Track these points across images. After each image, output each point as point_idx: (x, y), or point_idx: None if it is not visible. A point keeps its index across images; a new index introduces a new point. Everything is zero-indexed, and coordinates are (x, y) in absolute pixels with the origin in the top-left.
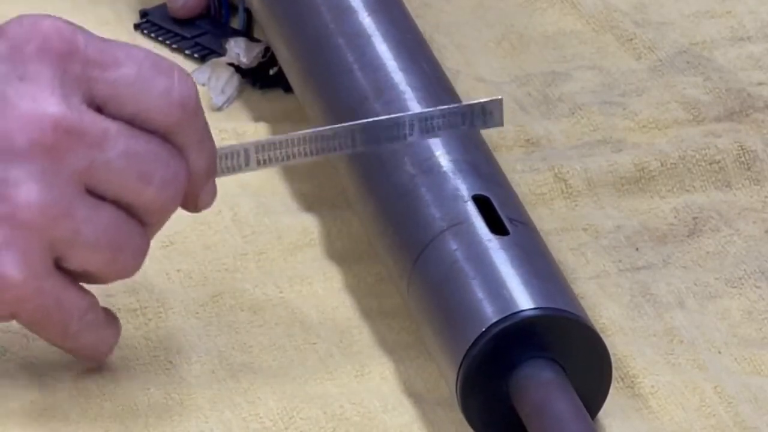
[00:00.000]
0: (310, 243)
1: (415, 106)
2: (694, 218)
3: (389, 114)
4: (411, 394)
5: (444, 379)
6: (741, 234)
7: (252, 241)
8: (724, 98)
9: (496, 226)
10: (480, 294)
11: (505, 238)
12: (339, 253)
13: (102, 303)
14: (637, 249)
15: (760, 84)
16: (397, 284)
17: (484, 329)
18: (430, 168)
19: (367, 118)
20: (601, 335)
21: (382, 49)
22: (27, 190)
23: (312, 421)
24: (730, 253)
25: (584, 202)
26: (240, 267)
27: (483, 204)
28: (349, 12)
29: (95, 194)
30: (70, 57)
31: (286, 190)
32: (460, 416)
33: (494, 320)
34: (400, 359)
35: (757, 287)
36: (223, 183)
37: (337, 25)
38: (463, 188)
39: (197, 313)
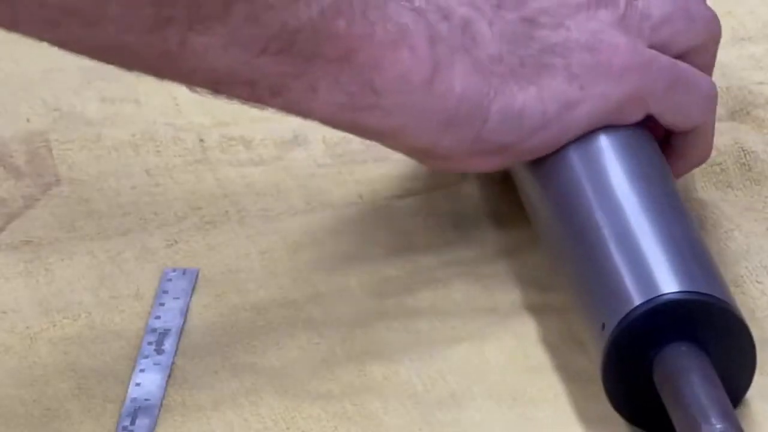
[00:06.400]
0: (314, 243)
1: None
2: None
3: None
4: (411, 395)
5: (587, 352)
6: (742, 231)
7: (256, 241)
8: (725, 98)
9: None
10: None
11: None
12: (343, 252)
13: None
14: None
15: (760, 84)
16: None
17: (631, 307)
18: None
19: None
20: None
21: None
22: None
23: (314, 421)
24: (730, 250)
25: None
26: (244, 267)
27: None
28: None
29: None
30: None
31: (291, 190)
32: (459, 417)
33: (638, 303)
34: (401, 360)
35: (759, 282)
36: (227, 183)
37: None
38: None
39: (201, 312)
